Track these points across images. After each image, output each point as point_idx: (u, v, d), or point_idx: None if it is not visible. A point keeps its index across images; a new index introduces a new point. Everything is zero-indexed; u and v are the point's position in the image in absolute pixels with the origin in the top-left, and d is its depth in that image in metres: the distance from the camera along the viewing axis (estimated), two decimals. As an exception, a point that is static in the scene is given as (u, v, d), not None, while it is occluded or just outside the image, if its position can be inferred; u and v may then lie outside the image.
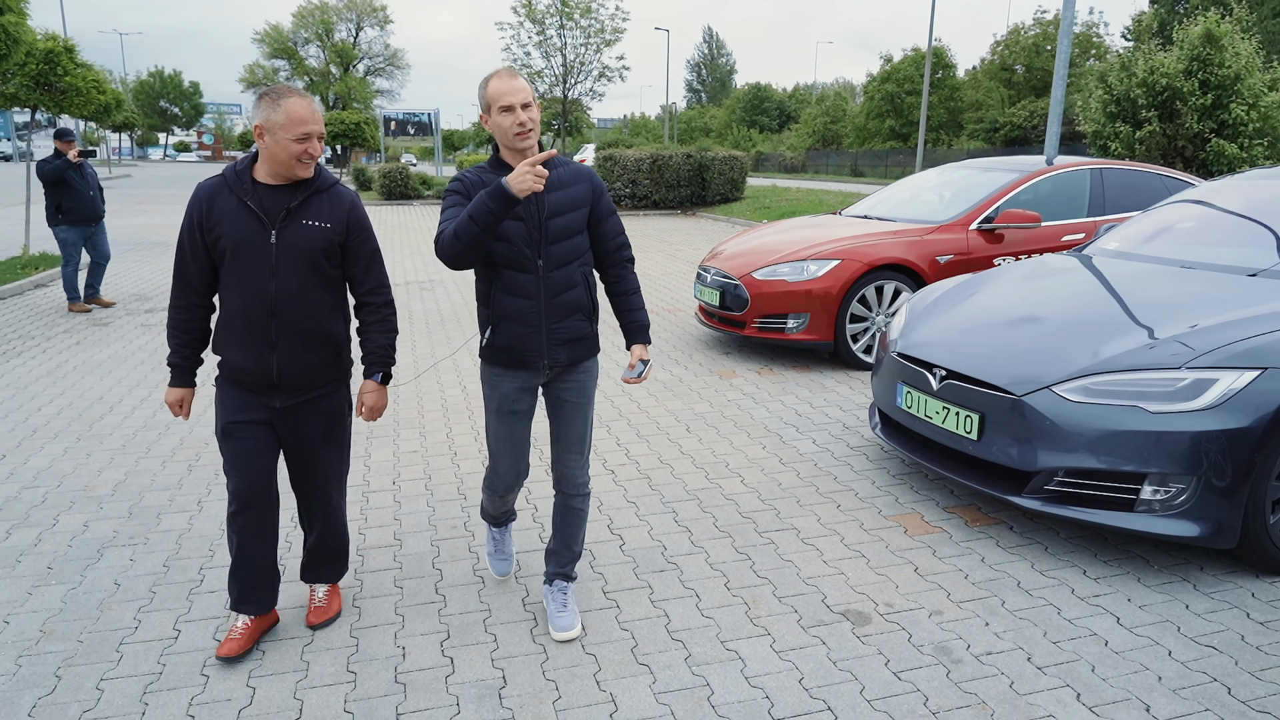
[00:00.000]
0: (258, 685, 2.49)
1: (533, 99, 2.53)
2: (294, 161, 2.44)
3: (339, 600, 2.88)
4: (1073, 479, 3.11)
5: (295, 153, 2.41)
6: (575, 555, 2.80)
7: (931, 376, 3.59)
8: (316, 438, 2.65)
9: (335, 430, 2.69)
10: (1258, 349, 2.95)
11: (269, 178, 2.49)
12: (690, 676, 2.53)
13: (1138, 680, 2.51)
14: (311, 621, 2.77)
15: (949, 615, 2.85)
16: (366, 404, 2.66)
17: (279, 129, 2.38)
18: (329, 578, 2.87)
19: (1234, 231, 4.10)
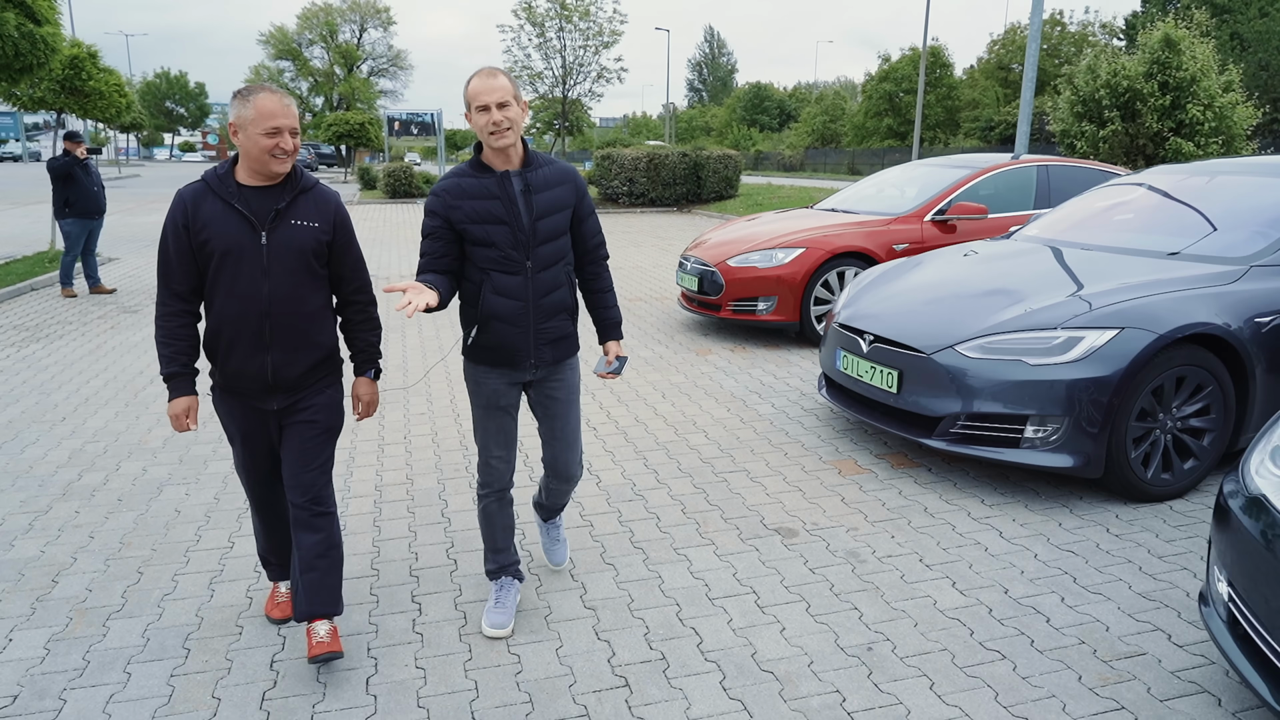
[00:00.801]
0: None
1: (512, 98, 2.51)
2: (266, 156, 2.40)
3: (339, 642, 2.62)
4: (971, 422, 3.73)
5: (266, 147, 2.39)
6: (561, 507, 3.09)
7: (863, 341, 4.22)
8: (309, 428, 2.61)
9: (329, 423, 2.65)
10: (1118, 313, 3.57)
11: (251, 179, 2.47)
12: (646, 572, 3.16)
13: (1004, 573, 3.13)
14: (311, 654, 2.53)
15: (862, 531, 3.48)
16: (363, 400, 2.72)
17: (249, 124, 2.38)
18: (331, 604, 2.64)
19: (1133, 219, 4.72)
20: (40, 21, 8.11)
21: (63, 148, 9.00)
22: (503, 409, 2.71)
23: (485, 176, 2.54)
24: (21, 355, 6.45)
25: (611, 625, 2.81)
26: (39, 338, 7.08)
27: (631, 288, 9.64)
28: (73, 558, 3.29)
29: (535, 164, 2.60)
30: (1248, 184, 4.47)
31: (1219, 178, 4.65)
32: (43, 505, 3.76)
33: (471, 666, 2.59)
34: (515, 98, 2.52)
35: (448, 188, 2.56)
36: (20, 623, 2.83)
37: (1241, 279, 3.77)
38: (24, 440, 4.58)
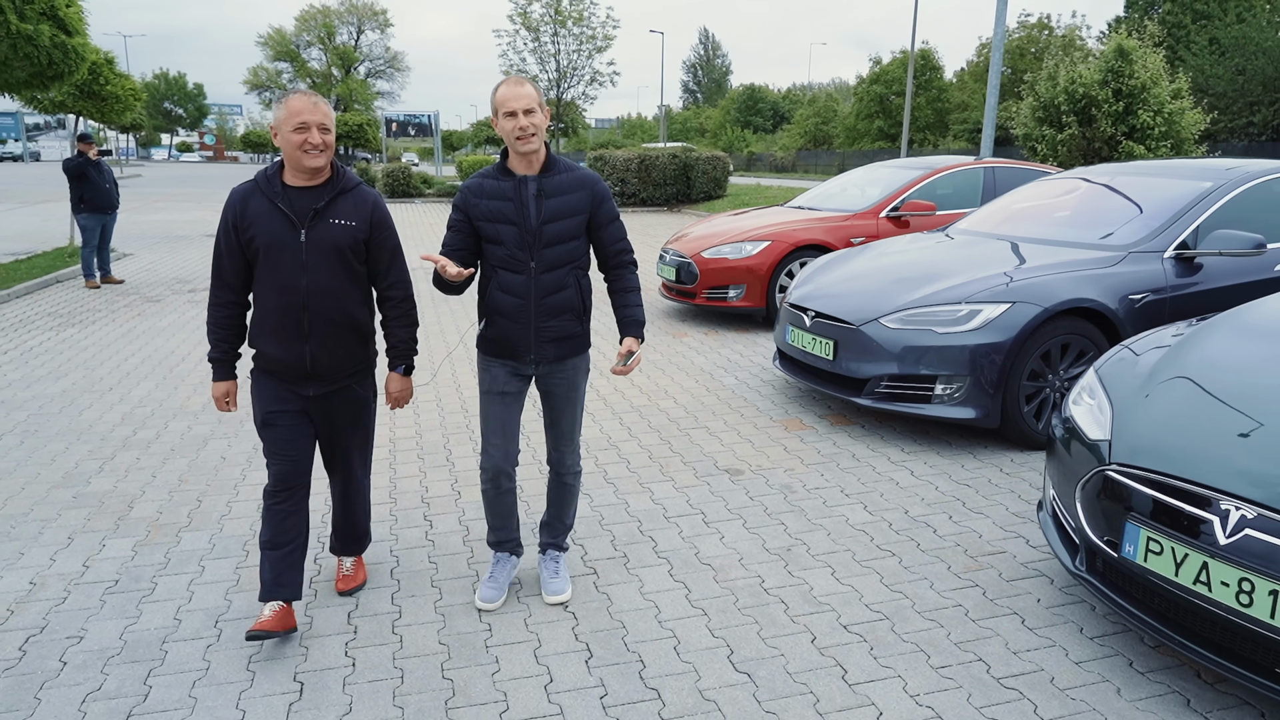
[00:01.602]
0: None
1: (538, 105, 2.64)
2: (298, 152, 2.54)
3: (364, 571, 3.12)
4: (892, 383, 4.43)
5: (295, 142, 2.52)
6: (567, 527, 3.07)
7: (806, 317, 4.92)
8: (345, 424, 2.81)
9: (362, 417, 2.84)
10: (1010, 290, 4.29)
11: (294, 179, 2.63)
12: (615, 499, 3.86)
13: (907, 500, 3.83)
14: (340, 589, 3.02)
15: (797, 471, 4.18)
16: (392, 393, 2.88)
17: (282, 124, 2.53)
18: (354, 552, 3.08)
19: (1045, 214, 5.43)
20: (71, 32, 8.78)
21: (76, 149, 9.72)
22: (503, 395, 2.81)
23: (505, 180, 2.69)
24: (61, 338, 7.12)
25: (585, 535, 3.50)
26: (73, 323, 7.75)
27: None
28: (141, 490, 3.97)
29: (554, 170, 2.70)
30: (1142, 184, 5.18)
31: (1122, 178, 5.36)
32: (108, 454, 4.44)
33: (473, 562, 3.28)
34: (540, 105, 2.65)
35: (471, 186, 2.73)
36: (109, 534, 3.51)
37: (1120, 263, 4.49)
38: (79, 406, 5.26)
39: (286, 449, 2.71)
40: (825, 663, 2.62)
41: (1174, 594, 2.28)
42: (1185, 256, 4.53)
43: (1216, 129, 31.46)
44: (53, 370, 6.08)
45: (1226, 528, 2.17)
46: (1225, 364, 2.70)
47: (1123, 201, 5.10)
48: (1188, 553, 2.22)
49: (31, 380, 5.79)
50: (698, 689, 2.49)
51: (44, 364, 6.22)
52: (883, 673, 2.57)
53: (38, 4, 8.41)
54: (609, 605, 2.96)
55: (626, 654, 2.67)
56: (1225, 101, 31.07)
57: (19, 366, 6.14)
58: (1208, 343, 2.88)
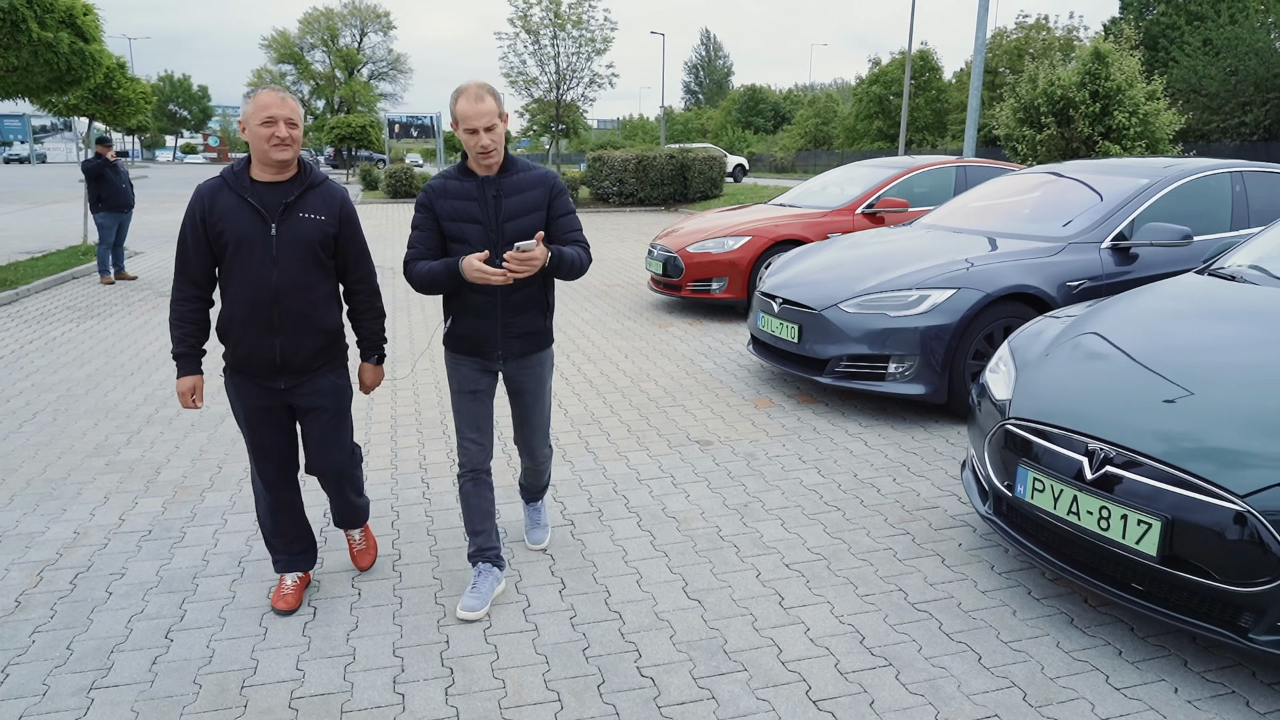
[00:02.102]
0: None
1: (498, 117, 2.68)
2: (266, 146, 2.56)
3: (374, 539, 3.27)
4: (850, 362, 4.85)
5: (263, 136, 2.54)
6: (542, 488, 3.36)
7: (775, 304, 5.34)
8: (321, 415, 2.81)
9: (338, 406, 2.85)
10: (955, 277, 4.70)
11: (262, 173, 2.65)
12: (594, 465, 4.27)
13: (858, 465, 4.24)
14: (361, 566, 3.18)
15: (761, 442, 4.59)
16: (366, 383, 2.98)
17: (250, 118, 2.56)
18: (356, 524, 3.16)
19: (1000, 209, 5.84)
20: (88, 39, 9.21)
21: (95, 151, 10.18)
22: (475, 393, 2.90)
23: (468, 180, 2.78)
24: (81, 329, 7.55)
25: (565, 494, 3.92)
26: (92, 315, 8.18)
27: (611, 275, 10.75)
28: (167, 459, 4.39)
29: (512, 170, 2.79)
30: (1088, 181, 5.59)
31: (1071, 175, 5.77)
32: (134, 428, 4.87)
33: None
34: (500, 116, 2.71)
35: (435, 186, 2.80)
36: (140, 494, 3.93)
37: (1060, 253, 4.90)
38: (104, 388, 5.68)
39: (265, 445, 2.81)
40: (766, 592, 3.03)
41: (1054, 525, 2.69)
42: (1121, 247, 4.94)
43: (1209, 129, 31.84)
44: (76, 357, 6.50)
45: (1092, 466, 2.58)
46: (1110, 330, 3.11)
47: (1070, 197, 5.51)
48: (1063, 489, 2.63)
49: (57, 366, 6.22)
50: (654, 612, 2.91)
51: (68, 352, 6.65)
52: (815, 600, 2.98)
53: (57, 13, 8.84)
54: (583, 549, 3.38)
55: (595, 586, 3.09)
56: (1218, 102, 31.43)
57: (45, 354, 6.57)
58: (1097, 316, 3.29)
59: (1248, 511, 2.23)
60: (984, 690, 2.47)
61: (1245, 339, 2.84)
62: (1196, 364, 2.74)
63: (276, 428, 2.81)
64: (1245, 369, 2.64)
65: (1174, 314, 3.19)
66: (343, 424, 2.88)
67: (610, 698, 2.45)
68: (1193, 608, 2.41)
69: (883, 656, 2.64)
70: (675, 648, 2.70)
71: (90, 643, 2.73)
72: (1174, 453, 2.42)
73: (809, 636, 2.75)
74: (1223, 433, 2.41)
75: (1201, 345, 2.87)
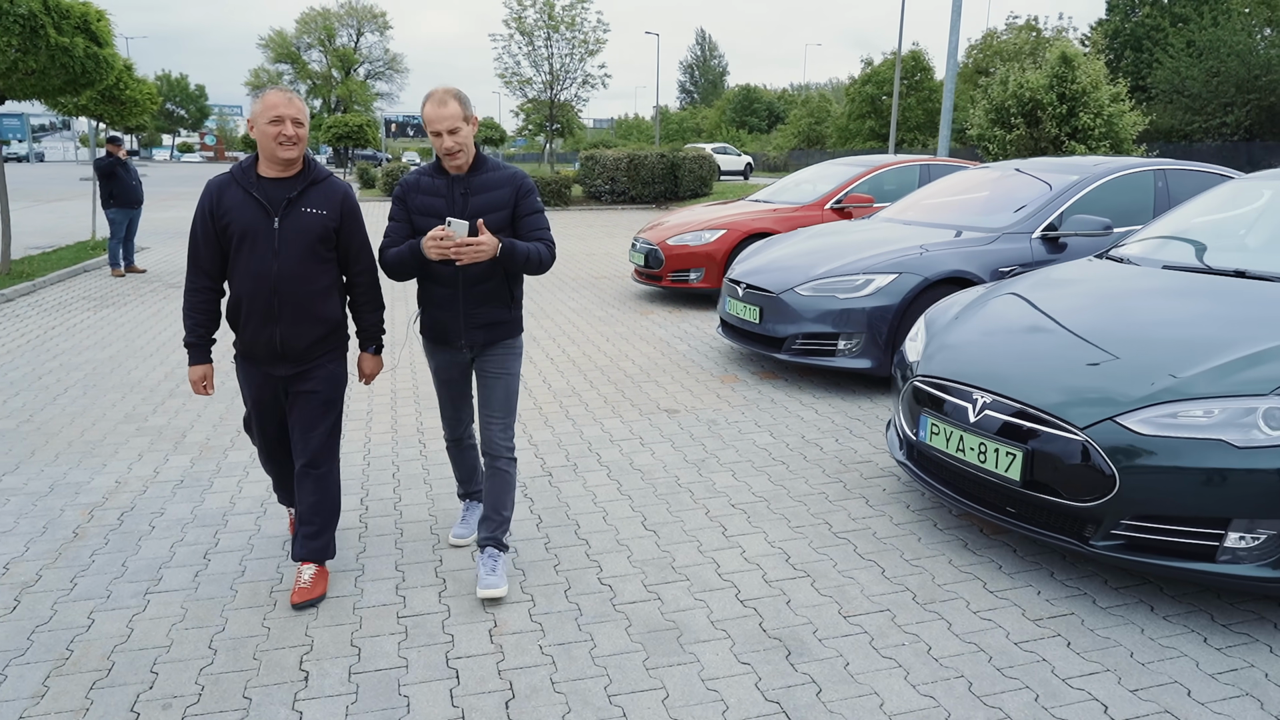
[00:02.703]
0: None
1: (462, 120, 2.79)
2: (273, 144, 2.68)
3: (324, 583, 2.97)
4: (804, 340, 5.38)
5: (271, 134, 2.66)
6: (504, 520, 3.04)
7: (739, 289, 5.87)
8: (312, 399, 2.89)
9: (330, 395, 2.92)
10: (897, 262, 5.24)
11: (268, 170, 2.78)
12: (572, 429, 4.80)
13: (806, 428, 4.78)
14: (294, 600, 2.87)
15: (723, 411, 5.12)
16: (366, 371, 3.10)
17: (258, 117, 2.68)
18: (317, 556, 2.95)
19: (950, 203, 6.38)
20: (102, 44, 9.70)
21: (107, 150, 10.70)
22: (449, 380, 3.14)
23: (439, 178, 2.91)
24: (99, 316, 8.06)
25: (545, 452, 4.45)
26: (107, 304, 8.69)
27: (599, 268, 11.28)
28: (191, 425, 4.91)
29: (482, 169, 2.91)
30: (1026, 178, 6.13)
31: (1013, 172, 6.31)
32: (158, 400, 5.38)
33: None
34: (465, 119, 2.81)
35: (409, 182, 2.96)
36: (170, 453, 4.45)
37: (994, 242, 5.44)
38: (127, 367, 6.19)
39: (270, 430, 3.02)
40: (712, 525, 3.57)
41: (948, 462, 3.23)
42: (1050, 236, 5.48)
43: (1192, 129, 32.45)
44: (97, 341, 7.02)
45: (975, 411, 3.11)
46: (1004, 305, 3.65)
47: (1011, 192, 6.05)
48: (952, 430, 3.17)
49: (81, 349, 6.73)
50: (615, 539, 3.44)
51: (89, 336, 7.16)
52: (753, 530, 3.52)
53: (73, 19, 9.33)
54: (558, 494, 3.91)
55: (567, 521, 3.62)
56: (1200, 102, 32.04)
57: (68, 338, 7.08)
58: (996, 292, 3.83)
59: (1087, 441, 2.77)
60: (882, 593, 3.01)
61: (1110, 309, 3.38)
62: (1079, 326, 3.28)
63: (279, 412, 2.97)
64: (1101, 330, 3.18)
65: (1063, 290, 3.73)
66: (330, 411, 2.93)
67: (574, 599, 2.99)
68: (1050, 523, 2.95)
69: (803, 570, 3.18)
70: (631, 564, 3.23)
71: (141, 562, 3.25)
72: (1034, 396, 2.96)
73: (744, 557, 3.29)
74: (1073, 379, 2.95)
75: (1076, 313, 3.41)
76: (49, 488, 3.96)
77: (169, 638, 2.74)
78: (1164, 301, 3.36)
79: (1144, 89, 34.63)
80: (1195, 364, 2.80)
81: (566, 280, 10.25)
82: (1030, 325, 3.40)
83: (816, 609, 2.91)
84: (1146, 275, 3.72)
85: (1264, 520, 2.55)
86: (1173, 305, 3.30)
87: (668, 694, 2.46)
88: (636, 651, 2.66)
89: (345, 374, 3.01)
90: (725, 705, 2.40)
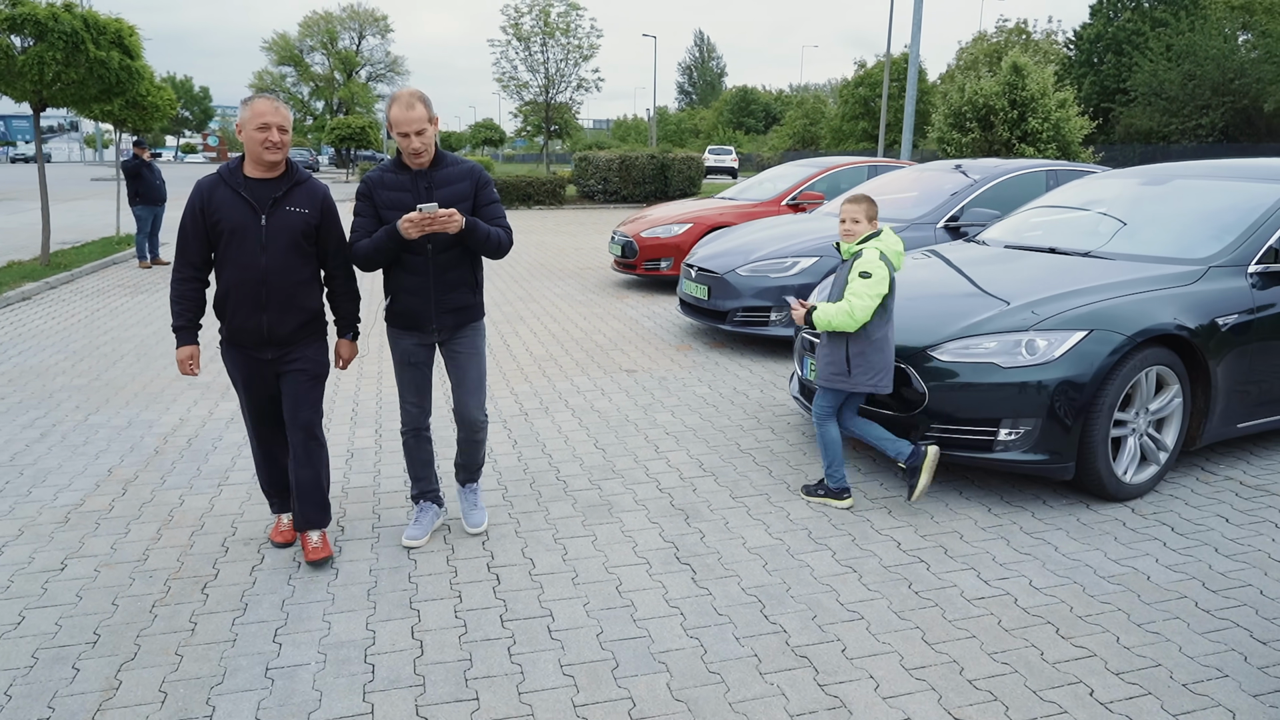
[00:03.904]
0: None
1: (427, 122, 2.98)
2: (260, 149, 2.87)
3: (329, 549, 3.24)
4: (744, 313, 6.42)
5: (258, 139, 2.85)
6: (478, 467, 3.53)
7: (693, 271, 6.92)
8: (301, 375, 3.12)
9: (316, 371, 3.16)
10: (819, 247, 6.29)
11: (254, 171, 2.97)
12: (546, 382, 5.84)
13: (740, 383, 5.81)
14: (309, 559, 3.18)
15: (674, 371, 6.16)
16: (343, 356, 3.31)
17: (246, 123, 2.86)
18: (319, 522, 3.24)
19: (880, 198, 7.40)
20: (134, 56, 10.74)
21: (133, 152, 11.77)
22: (414, 365, 3.27)
23: (403, 174, 3.10)
24: (135, 300, 9.10)
25: (523, 399, 5.48)
26: (141, 291, 9.73)
27: (585, 260, 12.33)
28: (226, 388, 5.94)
29: (441, 165, 3.11)
30: (939, 176, 7.16)
31: (931, 172, 7.34)
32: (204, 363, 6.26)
33: (451, 410, 5.27)
34: (429, 120, 3.01)
35: (373, 178, 3.11)
36: (219, 400, 5.48)
37: (905, 230, 6.47)
38: (169, 341, 7.20)
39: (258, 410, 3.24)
40: (648, 445, 4.60)
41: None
42: (951, 226, 6.52)
43: (1169, 130, 33.50)
44: (139, 320, 8.05)
45: (838, 351, 4.14)
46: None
47: (928, 189, 7.09)
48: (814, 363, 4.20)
49: (126, 326, 7.77)
50: (571, 454, 4.47)
51: (130, 316, 8.20)
52: (678, 448, 4.55)
53: (109, 34, 10.38)
54: (530, 426, 4.95)
55: (537, 442, 4.66)
56: (1177, 105, 33.11)
57: (112, 318, 8.12)
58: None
59: (908, 369, 3.80)
60: (766, 484, 4.04)
61: (950, 277, 4.42)
62: (920, 287, 4.31)
63: (266, 392, 3.19)
64: (936, 292, 4.21)
65: (925, 265, 4.76)
66: (316, 387, 3.18)
67: (535, 489, 4.02)
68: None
69: (710, 472, 4.21)
70: (581, 469, 4.27)
71: (210, 467, 4.29)
72: (877, 338, 3.99)
73: (667, 463, 4.32)
74: (907, 325, 3.98)
75: (930, 280, 4.44)
76: (128, 423, 5.00)
77: (241, 508, 3.79)
78: (987, 269, 4.39)
79: (1124, 91, 35.70)
80: (989, 310, 3.84)
81: (554, 270, 11.30)
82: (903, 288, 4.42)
83: (713, 494, 3.95)
84: (987, 252, 4.76)
85: (1024, 419, 3.59)
86: (992, 271, 4.34)
87: (595, 538, 3.50)
88: (577, 517, 3.71)
89: (327, 356, 3.24)
90: (635, 544, 3.44)
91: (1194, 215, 4.45)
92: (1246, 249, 4.01)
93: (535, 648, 2.72)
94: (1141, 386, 3.69)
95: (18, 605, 2.98)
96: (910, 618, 2.88)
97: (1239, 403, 3.94)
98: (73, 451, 4.52)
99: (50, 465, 4.31)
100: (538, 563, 3.30)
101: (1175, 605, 2.95)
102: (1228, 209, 4.31)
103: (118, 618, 2.90)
